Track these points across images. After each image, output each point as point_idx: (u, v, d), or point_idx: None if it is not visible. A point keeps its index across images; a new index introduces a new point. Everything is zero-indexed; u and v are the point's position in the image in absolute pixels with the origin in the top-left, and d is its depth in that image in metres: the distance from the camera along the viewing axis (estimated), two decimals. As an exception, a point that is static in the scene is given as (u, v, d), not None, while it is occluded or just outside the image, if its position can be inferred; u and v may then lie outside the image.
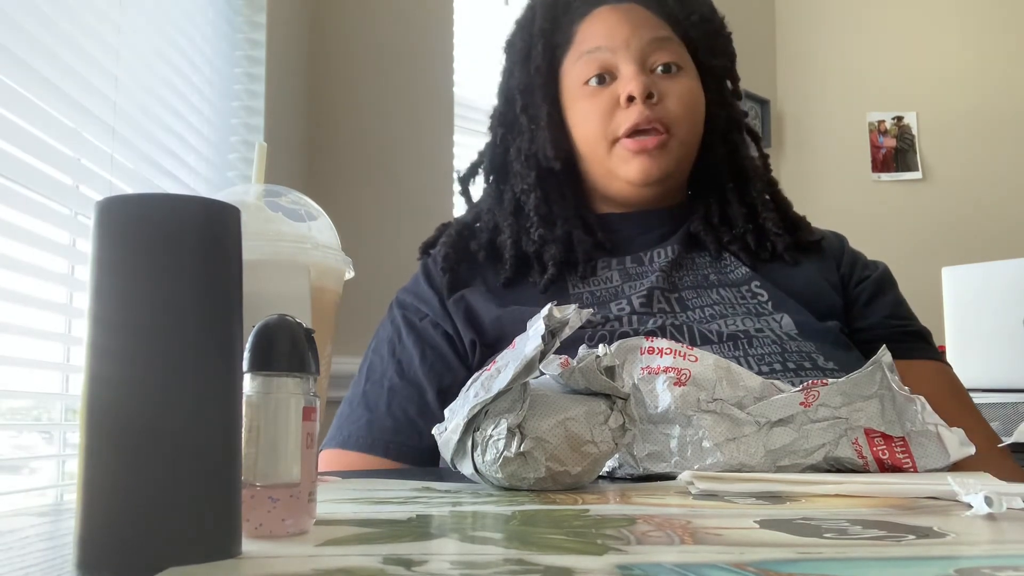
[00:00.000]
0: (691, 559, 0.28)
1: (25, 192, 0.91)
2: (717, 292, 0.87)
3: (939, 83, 2.85)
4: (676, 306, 0.85)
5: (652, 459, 0.60)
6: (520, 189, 0.94)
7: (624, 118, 0.89)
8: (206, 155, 1.39)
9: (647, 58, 0.91)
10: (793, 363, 0.77)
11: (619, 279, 0.90)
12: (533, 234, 0.91)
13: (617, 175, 0.91)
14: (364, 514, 0.40)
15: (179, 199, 0.29)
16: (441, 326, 0.89)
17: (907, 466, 0.59)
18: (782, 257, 0.92)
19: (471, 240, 0.96)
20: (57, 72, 0.96)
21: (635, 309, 0.83)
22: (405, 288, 0.96)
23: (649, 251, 0.92)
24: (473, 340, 0.86)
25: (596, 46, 0.91)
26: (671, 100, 0.90)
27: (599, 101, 0.90)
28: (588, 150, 0.93)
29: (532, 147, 0.94)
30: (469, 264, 0.94)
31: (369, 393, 0.88)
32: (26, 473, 1.07)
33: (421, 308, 0.91)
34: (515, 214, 0.94)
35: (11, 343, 0.94)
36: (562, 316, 0.51)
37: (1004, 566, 0.27)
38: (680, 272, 0.90)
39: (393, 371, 0.88)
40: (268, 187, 0.58)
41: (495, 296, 0.89)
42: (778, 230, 0.93)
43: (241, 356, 0.31)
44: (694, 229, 0.93)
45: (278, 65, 1.59)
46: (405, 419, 0.85)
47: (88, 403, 0.28)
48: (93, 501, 0.27)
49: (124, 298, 0.28)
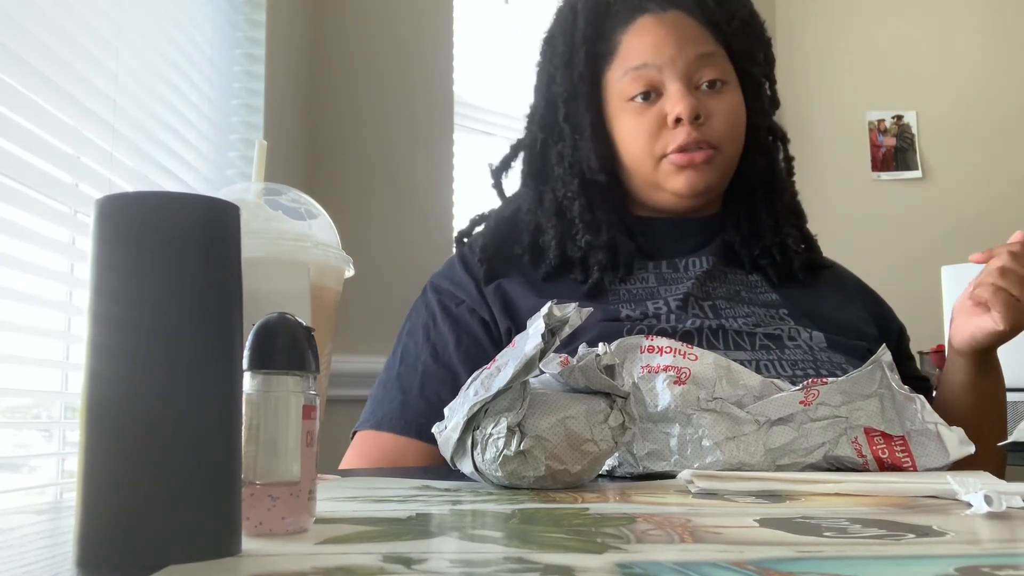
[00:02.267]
0: (691, 557, 0.28)
1: (25, 190, 0.91)
2: (748, 307, 0.89)
3: (939, 83, 2.85)
4: (710, 312, 0.87)
5: (652, 458, 0.60)
6: (563, 195, 0.95)
7: (671, 138, 0.90)
8: (206, 153, 1.39)
9: (693, 75, 0.91)
10: (825, 370, 0.79)
11: (655, 281, 0.91)
12: (580, 240, 0.92)
13: (663, 188, 0.92)
14: (364, 512, 0.40)
15: (179, 197, 0.29)
16: (477, 312, 0.89)
17: (907, 465, 0.59)
18: (797, 276, 0.93)
19: (511, 237, 0.96)
20: (57, 70, 0.96)
21: (672, 309, 0.85)
22: (440, 273, 0.96)
23: (684, 259, 0.93)
24: (509, 328, 0.87)
25: (642, 63, 0.91)
26: (717, 119, 0.91)
27: (646, 120, 0.91)
28: (633, 164, 0.93)
29: (575, 155, 0.95)
30: (505, 258, 0.94)
31: (403, 375, 0.88)
32: (26, 471, 1.07)
33: (457, 294, 0.92)
34: (558, 216, 0.95)
35: (11, 341, 0.94)
36: (562, 315, 0.51)
37: (1004, 565, 0.27)
38: (714, 283, 0.92)
39: (428, 355, 0.88)
40: (268, 185, 0.58)
41: (533, 287, 0.90)
42: (797, 247, 0.94)
43: (241, 354, 0.31)
44: (729, 238, 0.95)
45: (278, 64, 1.59)
46: (439, 402, 0.84)
47: (88, 401, 0.28)
48: (93, 499, 0.27)
49: (124, 296, 0.28)
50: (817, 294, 0.94)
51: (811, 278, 0.95)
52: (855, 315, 0.94)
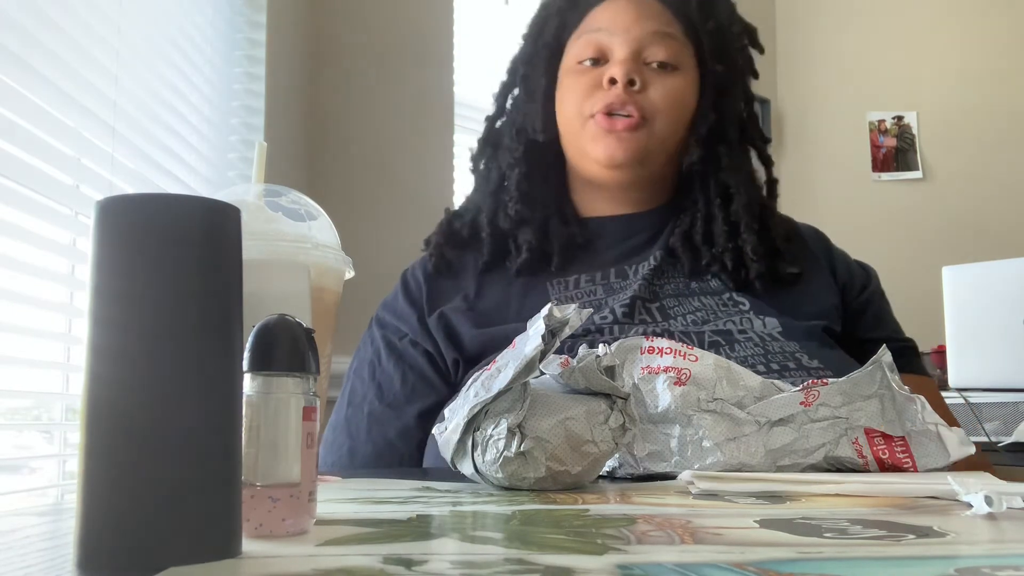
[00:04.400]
0: (691, 559, 0.28)
1: (25, 192, 0.91)
2: (699, 299, 0.87)
3: (939, 83, 2.85)
4: (658, 315, 0.84)
5: (652, 459, 0.60)
6: (506, 163, 0.95)
7: (601, 97, 0.89)
8: (206, 155, 1.39)
9: (644, 49, 0.90)
10: (777, 364, 0.77)
11: (602, 292, 0.88)
12: (511, 209, 0.92)
13: (587, 153, 0.91)
14: (364, 514, 0.40)
15: (179, 199, 0.29)
16: (421, 345, 0.89)
17: (907, 466, 0.59)
18: (753, 285, 0.88)
19: (456, 221, 0.97)
20: (57, 72, 0.96)
21: (617, 319, 0.83)
22: (385, 303, 0.95)
23: (634, 264, 0.91)
24: (456, 359, 0.86)
25: (597, 27, 0.92)
26: (654, 91, 0.89)
27: (584, 79, 0.91)
28: (565, 125, 0.93)
29: (524, 121, 0.95)
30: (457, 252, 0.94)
31: (351, 419, 0.88)
32: (26, 473, 1.07)
33: (400, 327, 0.91)
34: (496, 193, 0.95)
35: (11, 343, 0.94)
36: (562, 316, 0.51)
37: (1004, 566, 0.27)
38: (661, 280, 0.89)
39: (373, 395, 0.88)
40: (268, 187, 0.58)
41: (473, 310, 0.88)
42: (754, 256, 0.88)
43: (241, 356, 0.31)
44: (673, 242, 0.91)
45: (278, 65, 1.59)
46: (385, 444, 0.86)
47: (88, 403, 0.28)
48: (93, 501, 0.27)
49: (124, 298, 0.28)
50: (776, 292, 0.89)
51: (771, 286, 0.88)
52: (816, 291, 0.90)
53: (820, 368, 0.77)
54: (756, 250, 0.88)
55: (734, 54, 0.96)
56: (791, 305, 0.87)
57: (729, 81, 0.95)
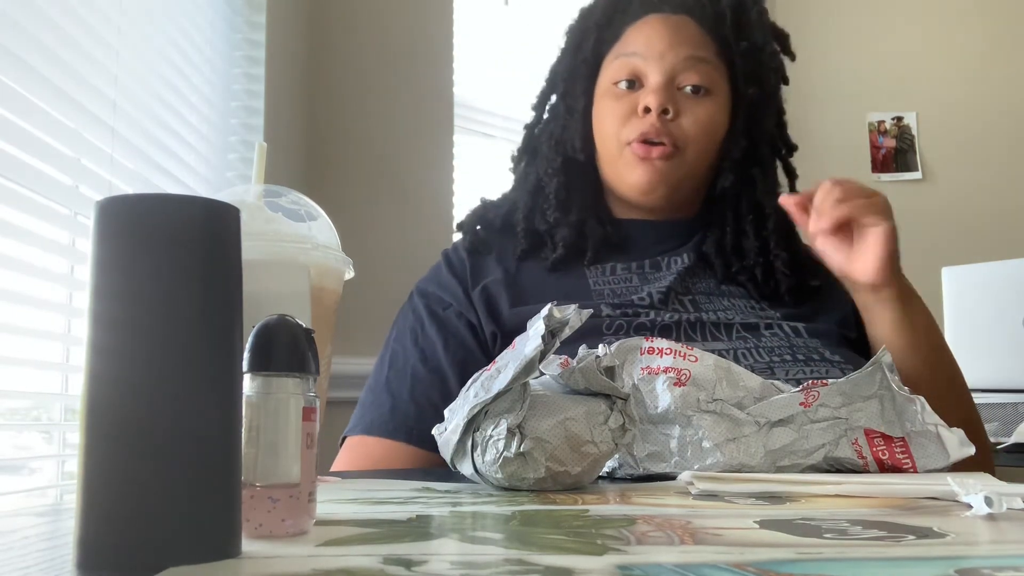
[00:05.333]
0: (691, 559, 0.28)
1: (25, 192, 0.91)
2: (728, 300, 0.91)
3: (939, 84, 2.85)
4: (690, 307, 0.88)
5: (652, 459, 0.60)
6: (544, 171, 0.98)
7: (636, 125, 0.91)
8: (206, 155, 1.39)
9: (678, 75, 0.92)
10: (802, 355, 0.81)
11: (638, 281, 0.92)
12: (549, 215, 0.95)
13: (623, 178, 0.94)
14: (364, 514, 0.40)
15: (179, 199, 0.29)
16: (465, 316, 0.90)
17: (907, 466, 0.59)
18: (783, 298, 0.92)
19: (491, 210, 1.00)
20: (57, 72, 0.96)
21: (654, 303, 0.86)
22: (426, 278, 0.97)
23: (667, 257, 0.94)
24: (494, 332, 0.88)
25: (633, 51, 0.93)
26: (687, 119, 0.91)
27: (621, 104, 0.93)
28: (603, 147, 0.96)
29: (564, 134, 0.98)
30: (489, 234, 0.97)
31: (392, 380, 0.88)
32: (26, 473, 1.07)
33: (444, 297, 0.92)
34: (534, 194, 0.98)
35: (11, 343, 0.94)
36: (562, 316, 0.51)
37: (1004, 566, 0.27)
38: (694, 279, 0.93)
39: (416, 359, 0.88)
40: (268, 187, 0.58)
41: (513, 284, 0.91)
42: (786, 270, 0.93)
43: (241, 356, 0.31)
44: (707, 249, 0.95)
45: (278, 65, 1.59)
46: (429, 405, 0.85)
47: (88, 403, 0.28)
48: (93, 501, 0.27)
49: (124, 298, 0.28)
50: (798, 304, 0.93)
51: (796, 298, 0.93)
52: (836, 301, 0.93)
53: (841, 361, 0.81)
54: (787, 264, 0.93)
55: (767, 74, 0.97)
56: (812, 314, 0.91)
57: (762, 102, 0.97)
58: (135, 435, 0.27)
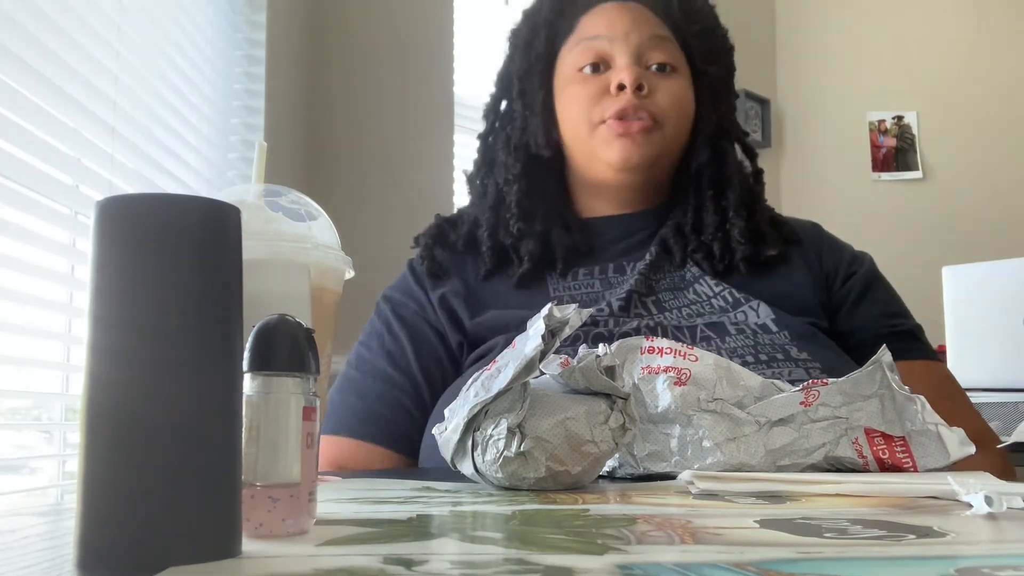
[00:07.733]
0: (691, 559, 0.28)
1: (25, 191, 0.91)
2: (693, 290, 0.88)
3: (939, 83, 2.85)
4: (653, 308, 0.86)
5: (652, 459, 0.60)
6: (504, 179, 0.95)
7: (612, 103, 0.90)
8: (206, 155, 1.39)
9: (643, 54, 0.92)
10: (765, 355, 0.78)
11: (600, 286, 0.90)
12: (512, 227, 0.92)
13: (598, 157, 0.92)
14: (364, 514, 0.40)
15: (179, 199, 0.29)
16: (431, 323, 0.90)
17: (907, 466, 0.59)
18: (738, 268, 0.90)
19: (451, 231, 0.97)
20: (57, 72, 0.96)
21: (614, 312, 0.84)
22: (392, 287, 0.97)
23: (632, 261, 0.92)
24: (460, 342, 0.88)
25: (595, 35, 0.93)
26: (661, 94, 0.91)
27: (588, 87, 0.92)
28: (571, 133, 0.93)
29: (523, 136, 0.96)
30: (450, 254, 0.95)
31: (359, 382, 0.88)
32: (26, 473, 1.07)
33: (410, 304, 0.92)
34: (495, 208, 0.95)
35: (11, 343, 0.94)
36: (562, 316, 0.51)
37: (1004, 566, 0.27)
38: (657, 275, 0.91)
39: (384, 362, 0.88)
40: (268, 187, 0.58)
41: (472, 296, 0.90)
42: (741, 239, 0.90)
43: (241, 356, 0.31)
44: (664, 235, 0.93)
45: (278, 65, 1.59)
46: (397, 405, 0.85)
47: (88, 403, 0.28)
48: (93, 501, 0.27)
49: (124, 298, 0.28)
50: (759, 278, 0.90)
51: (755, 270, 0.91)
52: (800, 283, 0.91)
53: (808, 360, 0.78)
54: (743, 233, 0.91)
55: (724, 55, 0.99)
56: (775, 293, 0.88)
57: (722, 80, 0.98)
58: (135, 435, 0.27)
